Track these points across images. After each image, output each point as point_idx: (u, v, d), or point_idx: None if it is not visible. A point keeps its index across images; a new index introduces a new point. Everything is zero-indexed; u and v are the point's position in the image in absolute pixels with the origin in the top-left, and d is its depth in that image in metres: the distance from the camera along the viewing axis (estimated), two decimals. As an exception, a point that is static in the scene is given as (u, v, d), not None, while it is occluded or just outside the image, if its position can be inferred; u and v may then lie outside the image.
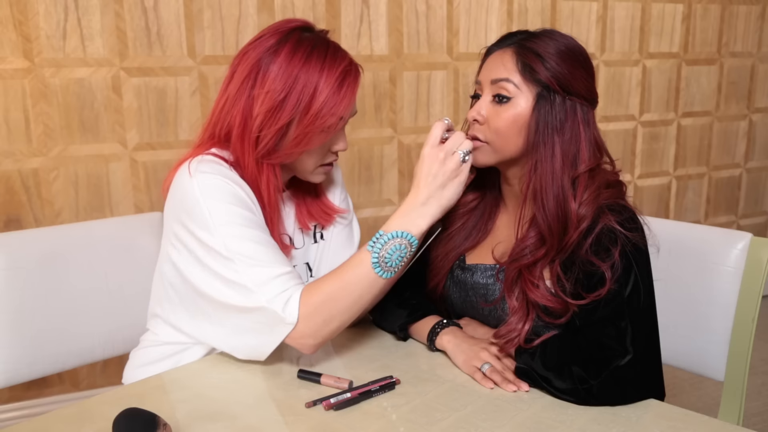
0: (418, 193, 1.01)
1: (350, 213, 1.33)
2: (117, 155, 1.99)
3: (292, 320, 0.99)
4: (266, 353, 1.03)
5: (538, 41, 1.05)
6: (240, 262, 1.01)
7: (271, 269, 1.02)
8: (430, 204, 1.01)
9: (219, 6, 2.04)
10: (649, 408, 0.95)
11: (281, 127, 1.06)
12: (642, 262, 1.01)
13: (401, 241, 1.00)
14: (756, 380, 2.37)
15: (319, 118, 1.05)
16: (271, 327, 1.01)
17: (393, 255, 1.00)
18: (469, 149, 1.03)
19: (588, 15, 2.61)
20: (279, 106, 1.05)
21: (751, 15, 2.95)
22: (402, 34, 2.30)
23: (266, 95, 1.05)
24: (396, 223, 1.01)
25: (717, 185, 3.06)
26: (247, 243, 1.02)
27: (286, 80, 1.05)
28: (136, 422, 0.81)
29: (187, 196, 1.05)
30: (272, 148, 1.08)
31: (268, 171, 1.10)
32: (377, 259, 0.99)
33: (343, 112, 1.07)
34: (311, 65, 1.05)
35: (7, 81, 1.85)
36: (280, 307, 0.99)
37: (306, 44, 1.07)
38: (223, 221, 1.03)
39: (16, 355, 1.19)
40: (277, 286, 1.01)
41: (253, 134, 1.07)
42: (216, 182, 1.05)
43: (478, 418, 0.91)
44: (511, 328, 1.03)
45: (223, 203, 1.04)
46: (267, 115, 1.05)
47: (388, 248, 0.99)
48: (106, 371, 2.08)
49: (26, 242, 1.23)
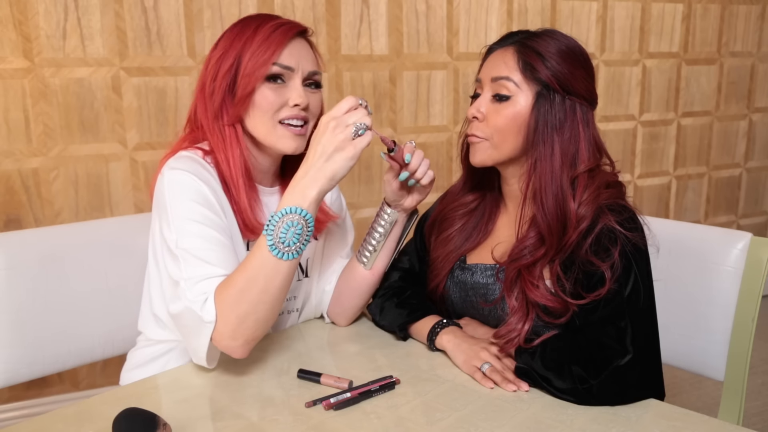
0: (305, 165, 0.97)
1: (344, 211, 1.33)
2: (117, 155, 1.99)
3: (211, 318, 0.97)
4: (203, 358, 1.01)
5: (539, 40, 1.05)
6: (183, 259, 1.01)
7: (209, 269, 1.00)
8: (316, 174, 0.96)
9: (219, 6, 2.04)
10: (649, 408, 0.95)
11: (225, 74, 1.10)
12: (642, 262, 1.01)
13: (292, 217, 0.95)
14: (756, 380, 2.37)
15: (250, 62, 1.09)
16: (198, 329, 0.99)
17: (288, 233, 0.95)
18: (366, 125, 0.96)
19: (588, 15, 2.61)
20: (222, 57, 1.11)
21: (751, 15, 2.95)
22: (402, 34, 2.30)
23: (213, 53, 1.13)
24: (285, 200, 0.96)
25: (717, 185, 3.06)
26: (196, 240, 1.02)
27: (230, 41, 1.12)
28: (136, 422, 0.81)
29: (158, 192, 1.08)
30: (224, 101, 1.11)
31: (231, 134, 1.12)
32: (272, 240, 0.95)
33: (272, 55, 1.09)
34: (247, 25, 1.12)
35: (7, 81, 1.85)
36: (198, 306, 0.98)
37: (251, 17, 1.14)
38: (180, 217, 1.03)
39: (16, 355, 1.19)
40: (205, 286, 0.99)
41: (207, 92, 1.12)
42: (183, 178, 1.05)
43: (478, 418, 0.91)
44: (511, 328, 1.03)
45: (184, 199, 1.04)
46: (214, 70, 1.11)
47: (281, 227, 0.95)
48: (106, 371, 2.08)
49: (26, 242, 1.23)
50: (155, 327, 1.17)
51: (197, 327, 0.99)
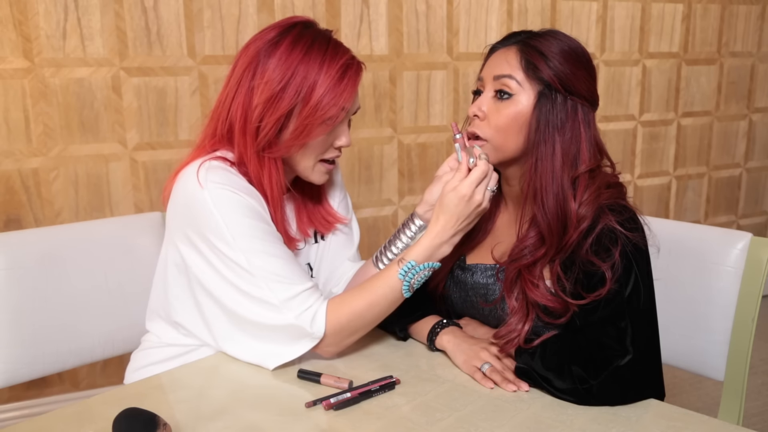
0: (448, 228, 1.05)
1: (350, 213, 1.32)
2: (117, 155, 1.99)
3: (320, 335, 1.04)
4: (283, 361, 1.05)
5: (542, 40, 1.06)
6: (262, 278, 1.02)
7: (294, 286, 1.04)
8: (456, 236, 1.06)
9: (219, 6, 2.04)
10: (649, 408, 0.95)
11: (281, 116, 1.06)
12: (642, 262, 1.01)
13: (430, 270, 1.07)
14: (756, 380, 2.37)
15: (320, 108, 1.05)
16: (297, 339, 1.04)
17: (421, 280, 1.07)
18: (496, 185, 1.06)
19: (588, 15, 2.61)
20: (278, 95, 1.05)
21: (751, 15, 2.95)
22: (402, 34, 2.30)
23: (265, 85, 1.05)
24: (427, 255, 1.06)
25: (717, 185, 3.06)
26: (267, 258, 1.04)
27: (286, 71, 1.05)
28: (136, 422, 0.81)
29: (197, 207, 1.04)
30: (273, 139, 1.07)
31: (270, 166, 1.10)
32: (408, 285, 1.06)
33: (345, 102, 1.07)
34: (311, 57, 1.06)
35: (7, 81, 1.85)
36: (307, 323, 1.02)
37: (307, 37, 1.08)
38: (240, 234, 1.03)
39: (15, 354, 1.19)
40: (303, 302, 1.03)
41: (253, 125, 1.07)
42: (228, 194, 1.04)
43: (478, 418, 0.91)
44: (510, 329, 1.03)
45: (238, 216, 1.04)
46: (266, 105, 1.05)
47: (419, 277, 1.06)
48: (106, 371, 2.08)
49: (26, 242, 1.23)
50: (173, 332, 1.16)
51: (298, 338, 1.04)
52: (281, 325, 1.03)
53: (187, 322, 1.12)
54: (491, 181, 1.05)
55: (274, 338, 1.05)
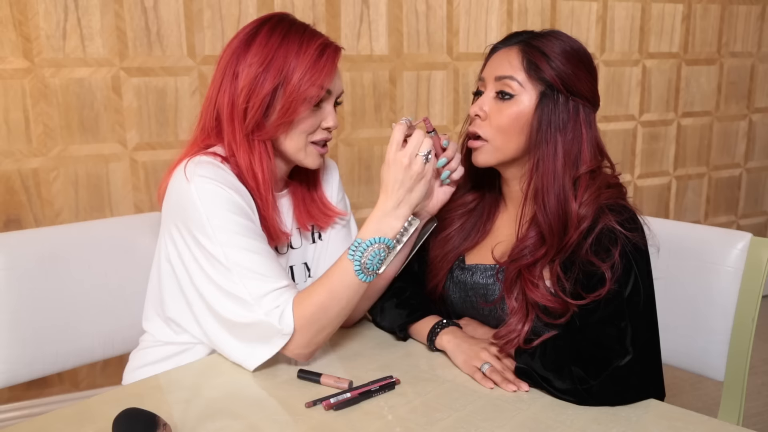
0: (387, 199, 1.05)
1: (349, 212, 1.33)
2: (117, 155, 1.99)
3: (289, 330, 1.02)
4: (259, 362, 1.04)
5: (544, 41, 1.06)
6: (237, 273, 1.03)
7: (268, 283, 1.03)
8: (400, 207, 1.05)
9: (219, 6, 2.04)
10: (649, 408, 0.95)
11: (266, 95, 1.08)
12: (642, 263, 1.01)
13: (379, 246, 1.04)
14: (756, 380, 2.37)
15: (301, 87, 1.07)
16: (269, 338, 1.03)
17: (373, 260, 1.04)
18: (428, 149, 1.04)
19: (588, 15, 2.61)
20: (261, 76, 1.08)
21: (751, 15, 2.95)
22: (402, 34, 2.30)
23: (249, 68, 1.08)
24: (372, 230, 1.04)
25: (717, 185, 3.06)
26: (245, 253, 1.04)
27: (267, 54, 1.08)
28: (136, 422, 0.81)
29: (184, 200, 1.06)
30: (260, 119, 1.09)
31: (261, 150, 1.11)
32: (359, 266, 1.03)
33: (323, 81, 1.09)
34: (289, 40, 1.09)
35: (7, 81, 1.85)
36: (276, 319, 1.02)
37: (283, 25, 1.11)
38: (221, 228, 1.04)
39: (15, 355, 1.19)
40: (274, 299, 1.03)
41: (240, 108, 1.09)
42: (213, 188, 1.05)
43: (478, 418, 0.91)
44: (510, 329, 1.03)
45: (221, 210, 1.05)
46: (251, 86, 1.08)
47: (368, 255, 1.03)
48: (106, 371, 2.08)
49: (26, 242, 1.23)
50: (167, 329, 1.16)
51: (269, 336, 1.03)
52: (252, 322, 1.03)
53: (179, 318, 1.13)
54: (422, 146, 1.04)
55: (248, 336, 1.05)
